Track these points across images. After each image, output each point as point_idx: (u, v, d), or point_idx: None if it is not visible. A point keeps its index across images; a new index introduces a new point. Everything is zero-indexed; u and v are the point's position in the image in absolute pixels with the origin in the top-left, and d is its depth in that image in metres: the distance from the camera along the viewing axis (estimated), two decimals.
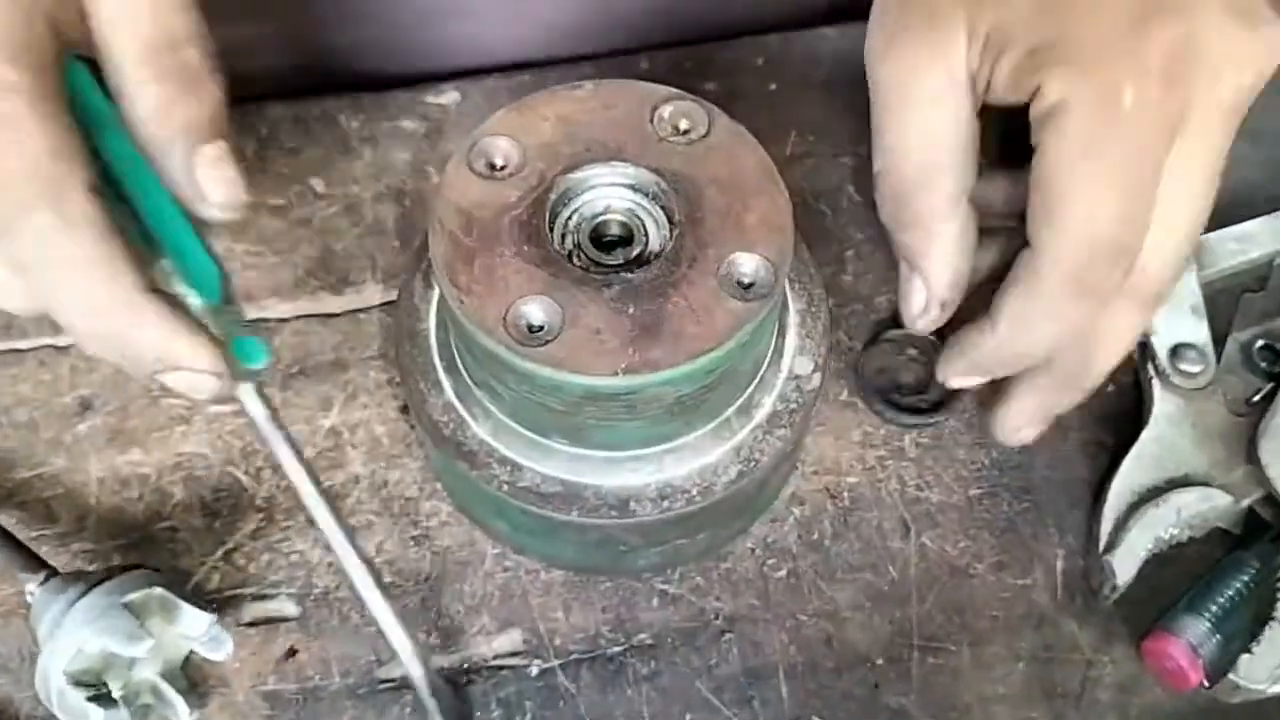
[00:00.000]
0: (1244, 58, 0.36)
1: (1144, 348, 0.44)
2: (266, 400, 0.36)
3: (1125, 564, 0.40)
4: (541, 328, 0.35)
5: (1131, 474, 0.41)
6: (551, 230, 0.36)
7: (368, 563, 0.37)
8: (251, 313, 0.46)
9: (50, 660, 0.36)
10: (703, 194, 0.37)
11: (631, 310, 0.35)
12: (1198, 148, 0.36)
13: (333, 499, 0.37)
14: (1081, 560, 0.42)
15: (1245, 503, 0.41)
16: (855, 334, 0.47)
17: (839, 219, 0.49)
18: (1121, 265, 0.36)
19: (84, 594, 0.37)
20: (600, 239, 0.37)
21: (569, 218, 0.37)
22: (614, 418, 0.36)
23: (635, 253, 0.37)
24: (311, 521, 0.36)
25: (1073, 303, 0.36)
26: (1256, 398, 0.43)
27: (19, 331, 0.46)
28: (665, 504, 0.38)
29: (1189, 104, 0.35)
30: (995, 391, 0.41)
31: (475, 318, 0.34)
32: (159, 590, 0.38)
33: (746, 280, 0.36)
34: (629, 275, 0.35)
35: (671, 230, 0.37)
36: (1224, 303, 0.46)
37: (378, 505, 0.43)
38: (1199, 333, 0.44)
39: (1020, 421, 0.41)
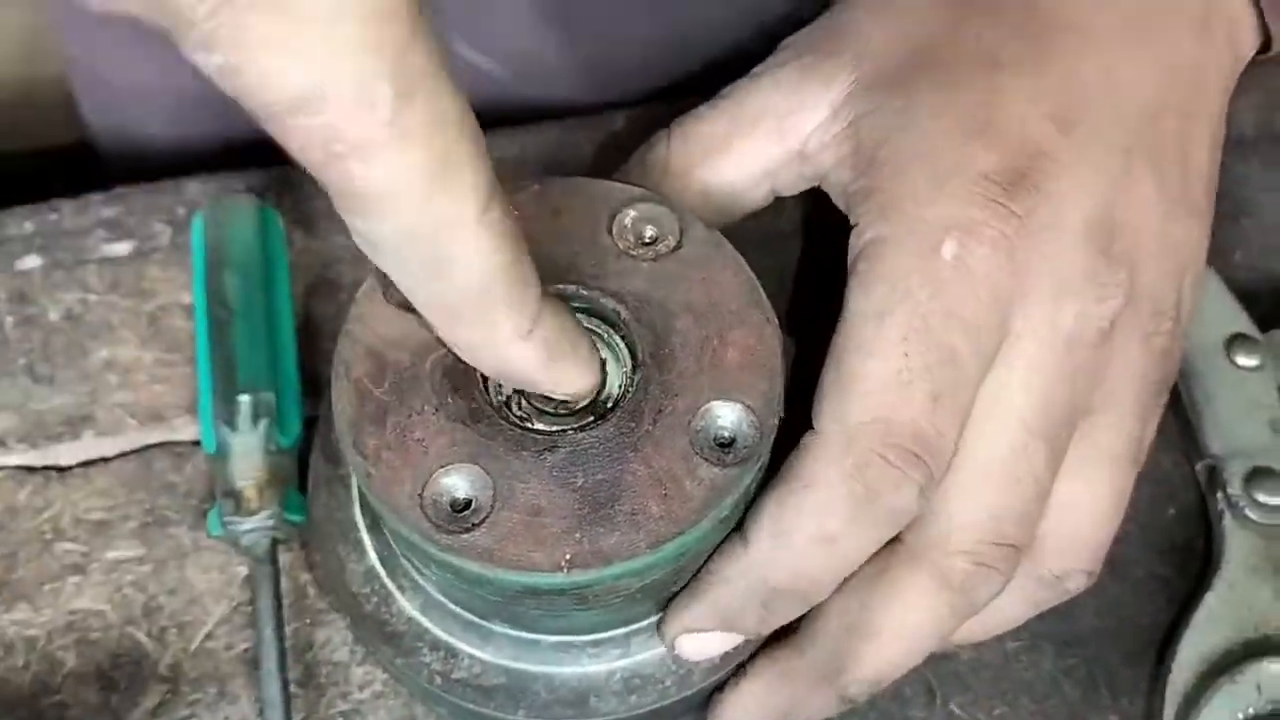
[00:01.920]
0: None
1: (1212, 472, 0.37)
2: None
3: None
4: (468, 505, 0.28)
5: (1202, 634, 0.34)
6: (484, 377, 0.30)
7: None
8: (156, 435, 0.40)
9: None
10: (672, 324, 0.30)
11: (580, 482, 0.28)
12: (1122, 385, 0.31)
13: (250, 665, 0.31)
14: None
15: None
16: None
17: None
18: (921, 470, 0.28)
19: None
20: None
21: None
22: (562, 609, 0.29)
23: (587, 401, 0.30)
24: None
25: (851, 513, 0.28)
26: None
27: None
28: (633, 699, 0.31)
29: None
30: None
31: (384, 495, 0.28)
32: None
33: (726, 436, 0.29)
34: (578, 435, 0.29)
35: (634, 372, 0.30)
36: None
37: (300, 673, 0.37)
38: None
39: (740, 711, 0.32)
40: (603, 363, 0.30)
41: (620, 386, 0.30)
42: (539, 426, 0.30)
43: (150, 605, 0.38)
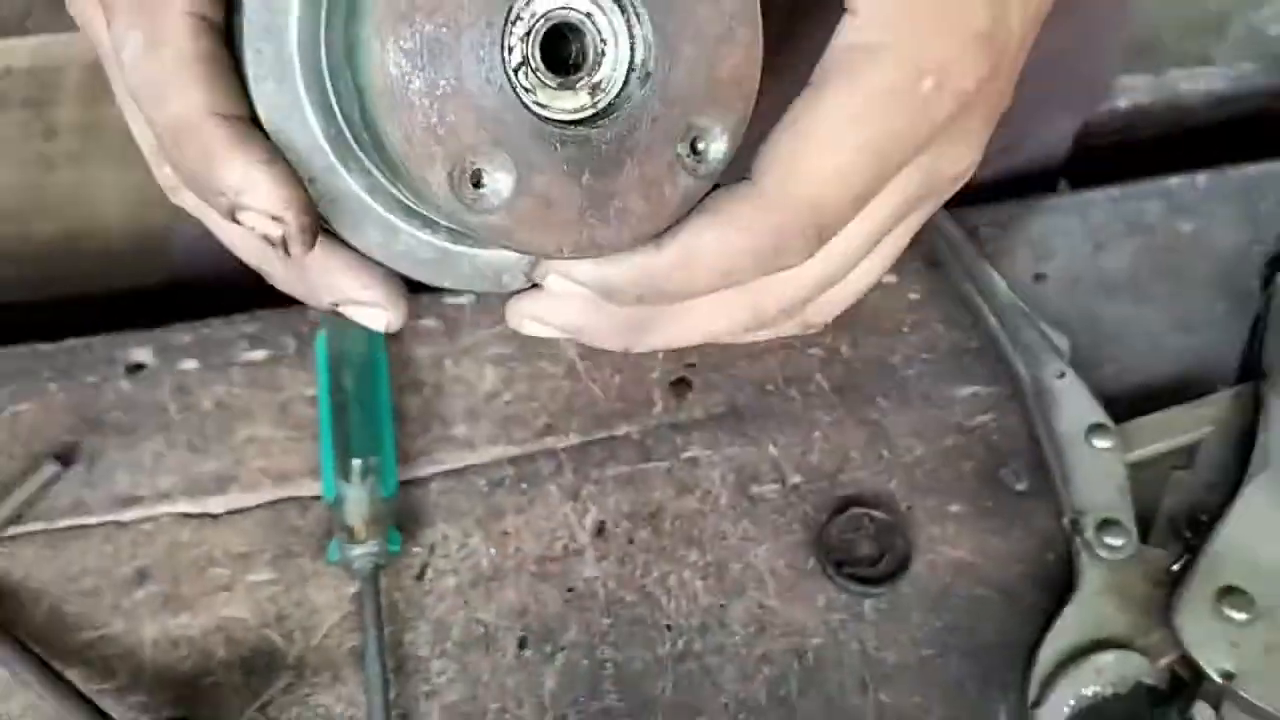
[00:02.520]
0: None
1: (1075, 523, 0.49)
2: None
3: (1051, 718, 0.44)
4: (487, 186, 0.30)
5: (1059, 637, 0.46)
6: (507, 23, 0.30)
7: None
8: (285, 491, 0.53)
9: None
10: (682, 26, 0.31)
11: (585, 178, 0.31)
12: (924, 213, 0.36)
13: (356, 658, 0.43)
14: (1020, 714, 0.47)
15: (1162, 663, 0.46)
16: (820, 509, 0.52)
17: (808, 403, 0.55)
18: (814, 242, 0.32)
19: None
20: (555, 55, 0.31)
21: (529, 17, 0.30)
22: None
23: (596, 80, 0.31)
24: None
25: (754, 265, 0.32)
26: (1175, 566, 0.48)
27: (85, 509, 0.53)
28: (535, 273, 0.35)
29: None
30: None
31: (418, 168, 0.30)
32: None
33: (701, 150, 0.32)
34: (589, 132, 0.31)
35: (635, 68, 0.31)
36: (1152, 479, 0.52)
37: (393, 664, 0.49)
38: (1124, 511, 0.49)
39: (544, 312, 0.35)
40: (603, 44, 0.31)
41: (618, 75, 0.31)
42: (558, 118, 0.31)
43: (281, 614, 0.50)
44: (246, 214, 0.31)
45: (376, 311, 0.35)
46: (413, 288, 0.60)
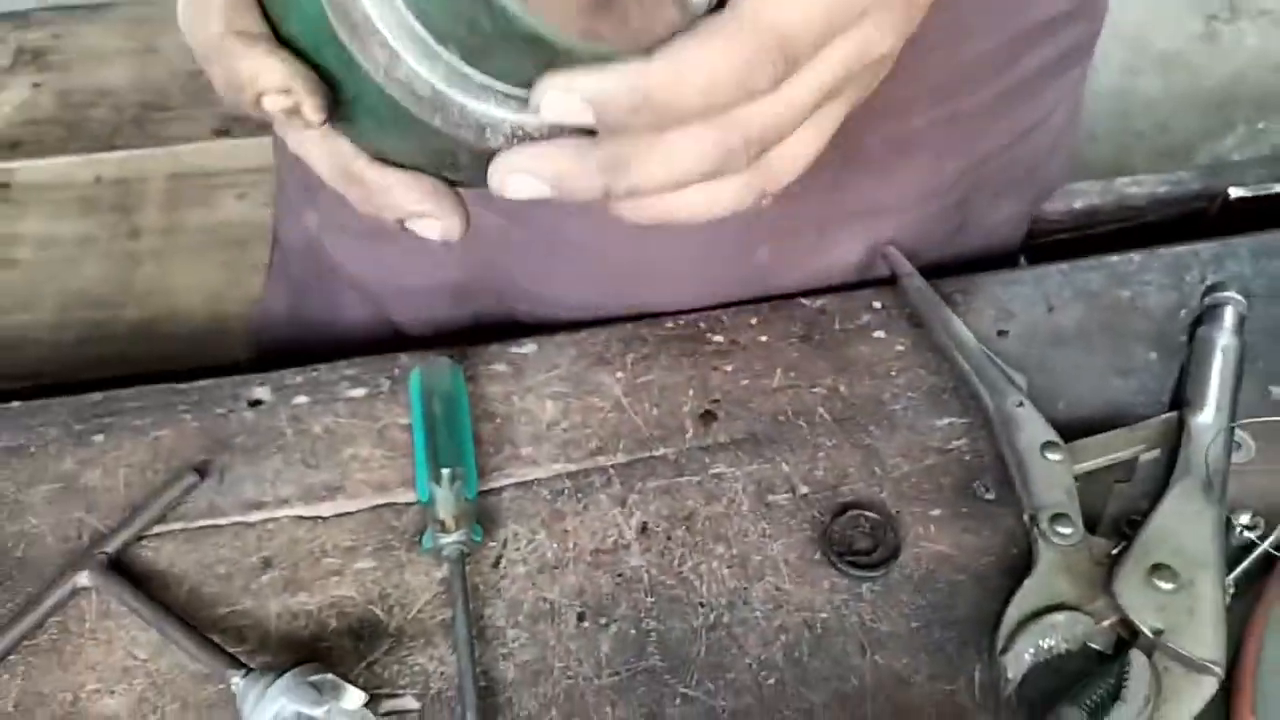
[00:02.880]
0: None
1: (1033, 518, 0.60)
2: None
3: (1014, 665, 0.55)
4: None
5: (1020, 602, 0.57)
6: None
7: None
8: (384, 499, 0.64)
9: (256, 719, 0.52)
10: None
11: None
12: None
13: (447, 628, 0.53)
14: (991, 671, 0.58)
15: (1105, 624, 0.56)
16: (824, 512, 0.64)
17: (813, 431, 0.67)
18: (781, 68, 0.35)
19: (276, 678, 0.53)
20: None
21: None
22: (518, 59, 0.35)
23: None
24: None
25: (736, 71, 0.34)
26: (1115, 551, 0.59)
27: (218, 512, 0.64)
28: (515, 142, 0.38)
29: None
30: None
31: None
32: (330, 675, 0.54)
33: None
34: None
35: None
36: (1097, 489, 0.63)
37: (477, 632, 0.59)
38: (1073, 509, 0.60)
39: (526, 165, 0.37)
40: None
41: None
42: None
43: (382, 593, 0.61)
44: (266, 98, 0.37)
45: (433, 221, 0.40)
46: (482, 340, 0.72)
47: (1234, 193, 0.93)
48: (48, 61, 1.49)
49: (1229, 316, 0.67)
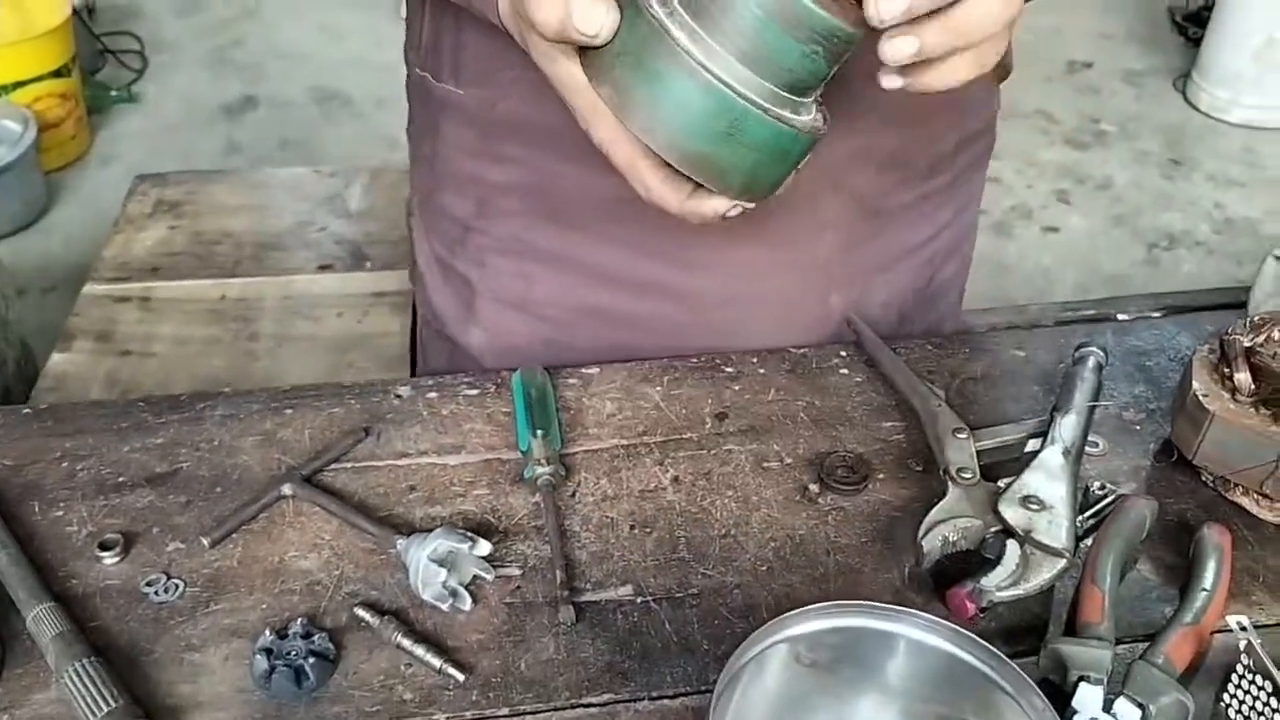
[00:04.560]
0: None
1: (945, 470, 0.87)
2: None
3: (930, 547, 0.81)
4: None
5: (935, 513, 0.83)
6: None
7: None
8: (493, 455, 0.91)
9: (419, 554, 0.78)
10: None
11: None
12: None
13: (539, 529, 0.81)
14: (915, 561, 0.83)
15: (991, 531, 0.83)
16: (804, 474, 0.90)
17: (796, 426, 0.94)
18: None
19: (431, 531, 0.79)
20: None
21: None
22: (808, 55, 0.57)
23: None
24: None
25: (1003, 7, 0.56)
26: (999, 493, 0.86)
27: (377, 458, 0.91)
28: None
29: None
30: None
31: None
32: (470, 533, 0.80)
33: None
34: None
35: None
36: (995, 465, 0.90)
37: (558, 538, 0.85)
38: (972, 466, 0.88)
39: None
40: None
41: None
42: None
43: (494, 508, 0.87)
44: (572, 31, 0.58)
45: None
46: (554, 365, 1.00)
47: (1120, 317, 1.24)
48: (182, 210, 1.81)
49: (1091, 361, 0.96)
